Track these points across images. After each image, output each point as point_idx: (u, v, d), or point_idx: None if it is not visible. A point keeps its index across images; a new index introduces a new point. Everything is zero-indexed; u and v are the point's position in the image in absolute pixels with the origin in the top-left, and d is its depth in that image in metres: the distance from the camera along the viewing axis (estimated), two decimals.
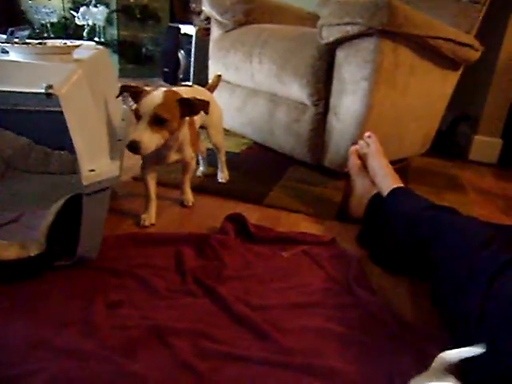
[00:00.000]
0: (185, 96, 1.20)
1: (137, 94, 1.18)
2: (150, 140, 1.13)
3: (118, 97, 1.23)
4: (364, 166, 1.45)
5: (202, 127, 1.55)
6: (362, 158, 1.47)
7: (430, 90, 1.95)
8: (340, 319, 0.99)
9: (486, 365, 0.78)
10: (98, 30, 3.05)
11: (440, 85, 2.00)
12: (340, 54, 1.69)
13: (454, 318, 0.92)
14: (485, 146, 2.50)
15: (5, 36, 1.12)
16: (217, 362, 0.86)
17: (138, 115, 1.14)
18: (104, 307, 0.98)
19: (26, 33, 1.11)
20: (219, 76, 1.68)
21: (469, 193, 1.95)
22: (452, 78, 2.04)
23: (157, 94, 1.15)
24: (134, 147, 1.12)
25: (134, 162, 1.83)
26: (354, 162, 1.48)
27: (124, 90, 1.20)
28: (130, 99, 1.24)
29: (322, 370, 0.85)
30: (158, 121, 1.14)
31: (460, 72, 2.05)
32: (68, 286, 1.04)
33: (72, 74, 0.98)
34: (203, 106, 1.22)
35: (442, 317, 0.99)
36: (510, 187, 2.13)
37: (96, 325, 0.92)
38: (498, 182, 2.19)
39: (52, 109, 1.48)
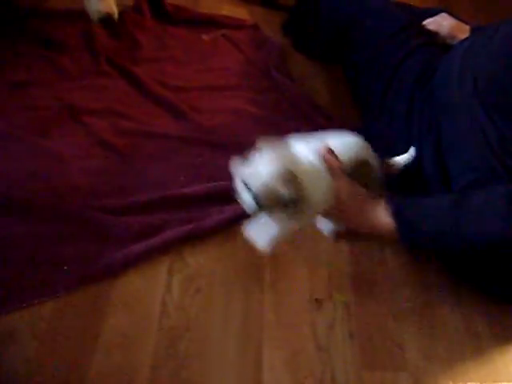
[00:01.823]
0: None
1: None
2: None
3: None
4: None
5: None
6: None
7: None
8: (257, 101, 1.01)
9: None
10: None
11: None
12: None
13: (364, 96, 0.97)
14: None
15: None
16: (135, 139, 0.88)
17: None
18: (7, 87, 0.92)
19: None
20: None
21: None
22: None
23: None
24: (107, 21, 1.02)
25: None
26: None
27: None
28: None
29: (235, 147, 0.89)
30: None
31: None
32: None
33: None
34: None
35: (354, 95, 1.04)
36: None
37: (2, 104, 0.88)
38: None
39: None
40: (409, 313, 0.70)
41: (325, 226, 0.77)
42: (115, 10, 1.04)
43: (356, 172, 0.68)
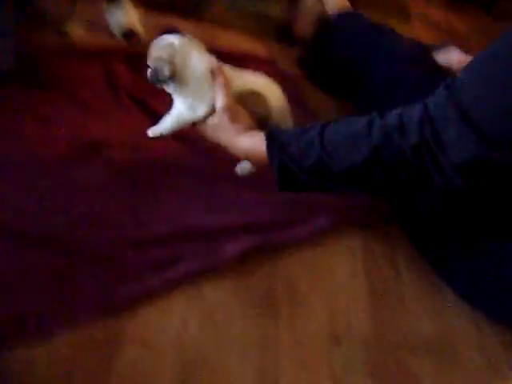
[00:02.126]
0: None
1: None
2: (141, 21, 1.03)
3: None
4: None
5: None
6: None
7: None
8: None
9: None
10: None
11: None
12: None
13: None
14: None
15: None
16: (153, 171, 0.89)
17: None
18: (34, 121, 0.95)
19: None
20: None
21: (414, 22, 1.90)
22: None
23: None
24: (130, 36, 1.04)
25: None
26: None
27: None
28: None
29: (248, 179, 0.89)
30: None
31: None
32: None
33: None
34: None
35: None
36: (458, 21, 2.09)
37: (28, 138, 0.90)
38: (447, 15, 2.13)
39: None
40: (428, 347, 0.68)
41: (240, 168, 0.83)
42: (139, 28, 1.04)
43: (248, 101, 0.76)
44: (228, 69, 0.78)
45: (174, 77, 0.75)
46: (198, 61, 0.76)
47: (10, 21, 0.97)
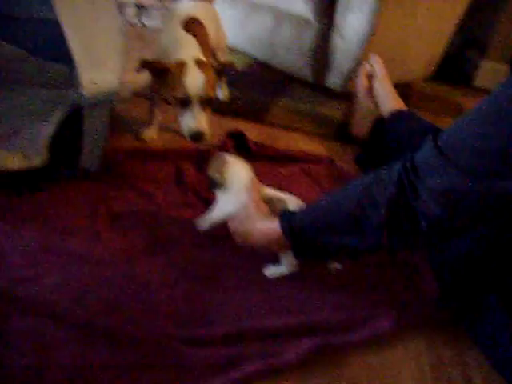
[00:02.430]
0: (210, 63, 1.13)
1: (160, 71, 1.08)
2: (208, 125, 1.09)
3: (138, 71, 1.11)
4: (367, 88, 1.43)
5: None
6: (366, 80, 1.45)
7: (440, 10, 1.87)
8: None
9: None
10: None
11: (450, 4, 1.92)
12: None
13: None
14: (491, 72, 2.44)
15: None
16: (218, 269, 0.92)
17: (183, 100, 1.06)
18: (107, 217, 1.02)
19: None
20: None
21: None
22: None
23: (195, 70, 1.05)
24: (198, 137, 1.09)
25: (131, 77, 1.80)
26: (362, 83, 1.45)
27: (145, 66, 1.09)
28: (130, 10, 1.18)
29: (312, 278, 0.91)
30: (208, 102, 1.08)
31: None
32: (72, 197, 1.07)
33: None
34: (230, 67, 1.18)
35: None
36: None
37: (100, 233, 0.97)
38: None
39: (47, 17, 1.42)
40: None
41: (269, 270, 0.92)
42: (207, 129, 1.10)
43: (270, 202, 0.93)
44: (259, 183, 0.98)
45: (223, 186, 0.95)
46: (242, 176, 0.96)
47: (106, 129, 1.08)
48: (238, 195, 0.93)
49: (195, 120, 1.06)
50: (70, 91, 1.51)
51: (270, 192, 0.97)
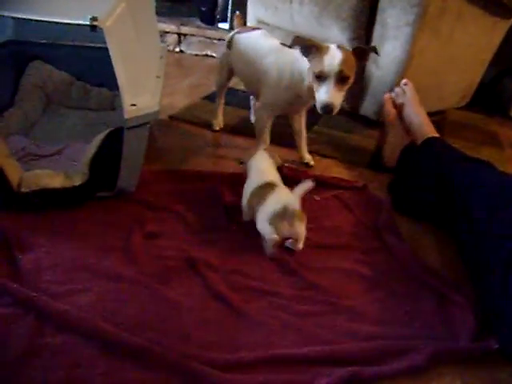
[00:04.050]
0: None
1: (309, 48, 1.15)
2: (339, 99, 1.13)
3: (290, 47, 1.20)
4: (399, 115, 1.43)
5: None
6: (398, 106, 1.45)
7: (477, 40, 1.86)
8: (367, 262, 1.02)
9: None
10: None
11: (488, 34, 1.90)
12: None
13: (479, 269, 0.94)
14: None
15: None
16: (248, 294, 0.91)
17: (320, 75, 1.11)
18: (141, 237, 1.04)
19: None
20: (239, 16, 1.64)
21: (506, 149, 1.90)
22: (501, 27, 1.93)
23: (336, 50, 1.12)
24: (328, 109, 1.12)
25: (169, 101, 1.86)
26: (388, 110, 1.45)
27: (297, 42, 1.17)
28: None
29: (345, 308, 0.89)
30: (342, 79, 1.12)
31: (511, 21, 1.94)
32: (108, 215, 1.10)
33: (116, 7, 0.99)
34: (372, 50, 1.18)
35: (467, 266, 1.02)
36: None
37: (134, 253, 0.98)
38: None
39: (93, 44, 1.50)
40: None
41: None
42: (337, 103, 1.13)
43: None
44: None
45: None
46: (259, 163, 1.14)
47: (144, 151, 1.12)
48: (254, 177, 1.11)
49: (328, 94, 1.11)
50: (112, 114, 1.57)
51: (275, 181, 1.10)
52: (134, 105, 0.98)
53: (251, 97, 1.70)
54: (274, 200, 1.01)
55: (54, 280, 0.88)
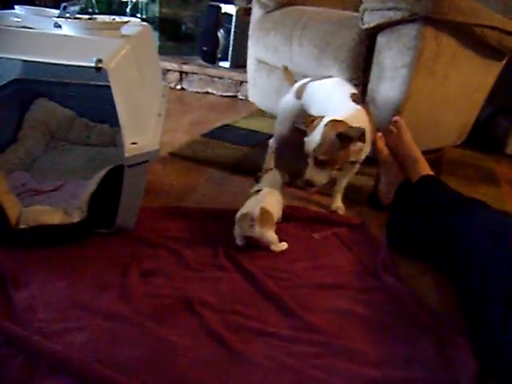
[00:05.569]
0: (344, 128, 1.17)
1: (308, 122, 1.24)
2: (319, 178, 1.21)
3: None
4: (392, 153, 1.44)
5: None
6: (389, 145, 1.46)
7: (471, 81, 1.91)
8: (365, 302, 1.01)
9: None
10: (140, 6, 3.09)
11: (481, 75, 1.95)
12: (381, 40, 1.67)
13: (477, 307, 0.94)
14: None
15: (58, 11, 1.16)
16: (246, 335, 0.90)
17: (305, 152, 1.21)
18: (138, 275, 1.03)
19: (77, 8, 1.14)
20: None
21: (503, 187, 1.91)
22: (494, 69, 1.98)
23: (317, 132, 1.17)
24: (307, 184, 1.23)
25: (170, 137, 1.89)
26: (380, 149, 1.45)
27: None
28: None
29: (343, 349, 0.88)
30: (320, 162, 1.19)
31: (504, 62, 1.99)
32: (106, 252, 1.10)
33: (120, 49, 1.02)
34: (361, 135, 1.17)
35: (463, 305, 1.01)
36: None
37: (130, 291, 0.97)
38: None
39: (95, 83, 1.53)
40: None
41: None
42: (316, 180, 1.23)
43: None
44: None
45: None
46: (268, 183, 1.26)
47: (143, 188, 1.13)
48: (260, 197, 1.19)
49: (307, 172, 1.21)
50: (113, 150, 1.59)
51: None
52: (135, 143, 1.00)
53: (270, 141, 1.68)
54: (246, 204, 1.18)
55: (49, 318, 0.87)
